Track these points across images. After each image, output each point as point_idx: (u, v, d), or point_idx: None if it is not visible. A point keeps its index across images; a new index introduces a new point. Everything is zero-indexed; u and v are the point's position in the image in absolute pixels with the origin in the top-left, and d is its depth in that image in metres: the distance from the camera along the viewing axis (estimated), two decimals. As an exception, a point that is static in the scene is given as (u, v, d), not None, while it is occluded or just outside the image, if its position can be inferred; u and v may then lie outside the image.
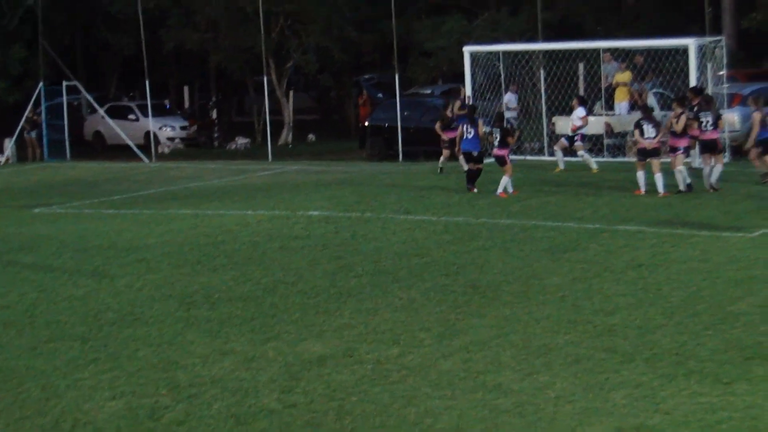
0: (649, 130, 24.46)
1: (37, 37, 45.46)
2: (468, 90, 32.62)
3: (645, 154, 24.45)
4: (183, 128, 48.33)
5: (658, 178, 24.08)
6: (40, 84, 44.21)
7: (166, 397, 11.39)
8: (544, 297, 15.21)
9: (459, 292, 15.69)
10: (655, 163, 24.30)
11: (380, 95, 45.87)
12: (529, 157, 32.25)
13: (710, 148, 24.88)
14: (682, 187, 24.28)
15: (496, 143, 25.82)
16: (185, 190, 30.42)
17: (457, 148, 27.85)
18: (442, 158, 29.83)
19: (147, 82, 42.30)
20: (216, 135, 50.24)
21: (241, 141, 46.77)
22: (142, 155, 41.56)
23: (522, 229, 20.72)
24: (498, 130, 25.96)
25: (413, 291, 15.88)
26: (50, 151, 44.35)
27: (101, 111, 47.24)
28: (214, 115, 53.55)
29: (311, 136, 47.46)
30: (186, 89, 58.53)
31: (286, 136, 46.00)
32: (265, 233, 21.42)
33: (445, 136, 29.36)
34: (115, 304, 15.87)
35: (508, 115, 32.43)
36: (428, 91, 42.92)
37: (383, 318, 14.32)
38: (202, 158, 41.47)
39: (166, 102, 54.02)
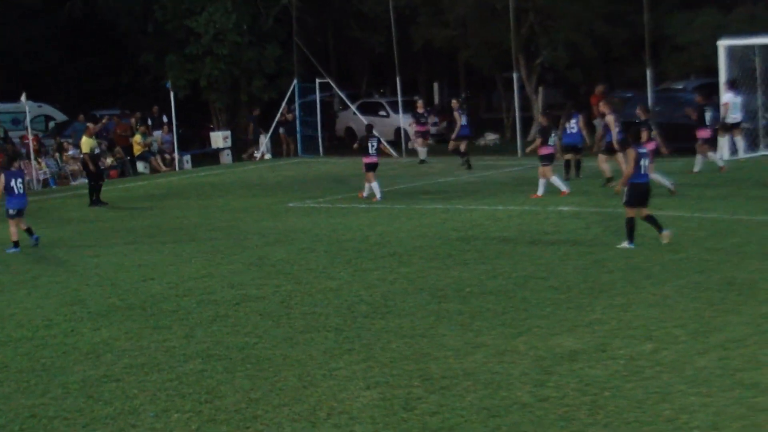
0: None
1: (292, 36, 46.67)
2: (722, 85, 31.96)
3: None
4: (433, 124, 48.69)
5: None
6: (294, 81, 45.38)
7: (419, 388, 11.49)
8: (804, 295, 14.72)
9: (714, 289, 15.31)
10: None
11: (629, 94, 45.18)
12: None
13: None
14: None
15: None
16: (435, 185, 30.72)
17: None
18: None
19: (398, 79, 42.90)
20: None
21: (491, 137, 46.89)
22: (392, 151, 42.14)
23: (780, 227, 20.12)
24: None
25: (667, 287, 15.59)
26: (303, 146, 45.51)
27: (353, 107, 48.16)
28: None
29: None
30: (435, 86, 58.99)
31: (535, 131, 45.78)
32: (515, 228, 21.42)
33: None
34: (368, 297, 16.13)
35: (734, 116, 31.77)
36: (680, 87, 42.04)
37: (636, 314, 14.11)
38: (452, 154, 41.70)
39: (417, 98, 54.55)
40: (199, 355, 13.30)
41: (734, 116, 31.76)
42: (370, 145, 28.56)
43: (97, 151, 33.24)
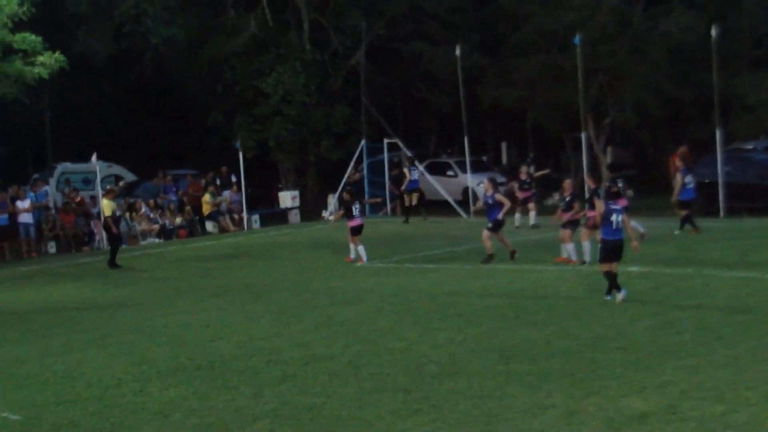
0: None
1: (360, 96, 46.97)
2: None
3: None
4: (501, 184, 48.64)
5: None
6: (362, 141, 45.60)
7: (487, 449, 11.45)
8: None
9: (786, 350, 15.14)
10: None
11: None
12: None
13: None
14: None
15: None
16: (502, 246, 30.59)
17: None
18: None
19: (465, 139, 42.95)
20: (534, 191, 50.37)
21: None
22: (460, 210, 42.12)
23: None
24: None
25: (738, 348, 15.41)
26: (371, 206, 45.60)
27: (421, 167, 48.21)
28: (532, 171, 53.63)
29: (630, 192, 46.89)
30: (503, 145, 59.00)
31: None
32: (584, 288, 21.29)
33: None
34: (436, 357, 16.08)
35: None
36: (750, 146, 41.77)
37: (707, 375, 13.95)
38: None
39: (484, 158, 54.64)
40: (268, 415, 13.31)
41: None
42: (354, 208, 28.95)
43: (118, 213, 33.75)
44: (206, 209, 43.09)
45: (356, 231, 28.75)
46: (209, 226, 43.05)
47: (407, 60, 51.55)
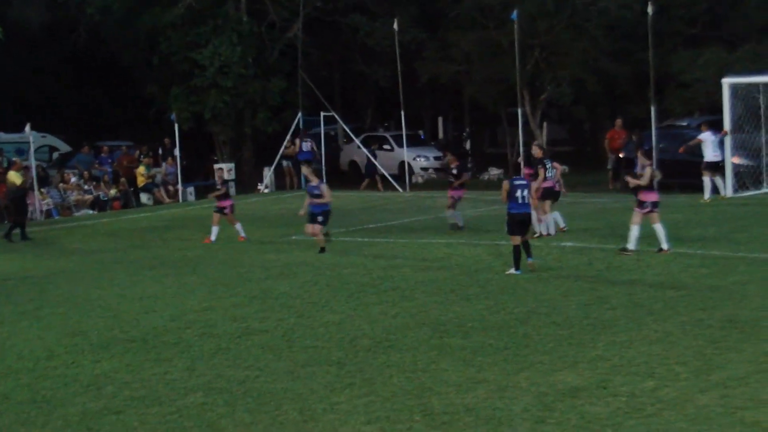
0: None
1: (297, 69, 46.81)
2: (726, 122, 32.16)
3: None
4: (437, 158, 48.80)
5: None
6: (299, 114, 45.48)
7: (420, 423, 11.47)
8: (807, 334, 14.68)
9: (716, 326, 15.28)
10: None
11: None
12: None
13: None
14: None
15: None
16: (439, 219, 30.67)
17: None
18: None
19: (402, 114, 42.95)
20: (469, 166, 50.60)
21: (495, 172, 46.96)
22: (396, 185, 42.19)
23: (783, 264, 20.10)
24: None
25: (669, 324, 15.57)
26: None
27: (357, 141, 48.25)
28: (468, 146, 53.85)
29: (564, 168, 47.16)
30: (440, 120, 59.10)
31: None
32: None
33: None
34: (371, 331, 16.11)
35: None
36: (684, 123, 42.12)
37: (638, 351, 14.08)
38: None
39: (421, 133, 54.71)
40: (201, 388, 13.28)
41: (714, 154, 31.93)
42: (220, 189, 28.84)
43: (28, 184, 33.87)
44: (141, 181, 42.83)
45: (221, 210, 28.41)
46: (144, 197, 42.80)
47: (345, 33, 51.44)
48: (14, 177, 32.23)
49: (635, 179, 22.48)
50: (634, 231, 22.07)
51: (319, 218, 24.63)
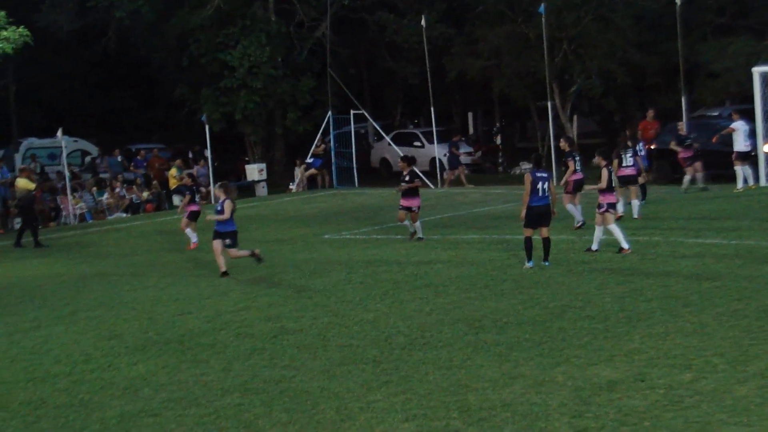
0: None
1: (326, 68, 46.85)
2: (758, 111, 31.97)
3: None
4: (468, 154, 48.70)
5: None
6: (329, 113, 45.51)
7: (457, 420, 11.46)
8: None
9: (752, 317, 15.19)
10: None
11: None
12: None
13: None
14: None
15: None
16: (471, 215, 30.67)
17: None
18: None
19: (432, 110, 42.91)
20: (500, 160, 50.51)
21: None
22: (427, 181, 42.15)
23: (819, 253, 19.96)
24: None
25: (704, 315, 15.49)
26: (339, 178, 45.57)
27: (387, 138, 48.26)
28: (498, 140, 53.74)
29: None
30: (470, 115, 59.01)
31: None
32: (552, 258, 21.30)
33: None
34: (405, 328, 16.11)
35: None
36: (715, 114, 41.89)
37: (674, 343, 14.02)
38: (487, 183, 41.79)
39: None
40: (237, 389, 13.31)
41: (746, 144, 31.81)
42: (196, 195, 28.80)
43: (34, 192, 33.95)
44: (173, 183, 42.94)
45: (194, 217, 28.36)
46: (176, 200, 42.91)
47: (373, 31, 51.48)
48: (25, 183, 32.30)
49: (592, 185, 22.81)
50: (598, 232, 22.00)
51: (227, 241, 22.97)
